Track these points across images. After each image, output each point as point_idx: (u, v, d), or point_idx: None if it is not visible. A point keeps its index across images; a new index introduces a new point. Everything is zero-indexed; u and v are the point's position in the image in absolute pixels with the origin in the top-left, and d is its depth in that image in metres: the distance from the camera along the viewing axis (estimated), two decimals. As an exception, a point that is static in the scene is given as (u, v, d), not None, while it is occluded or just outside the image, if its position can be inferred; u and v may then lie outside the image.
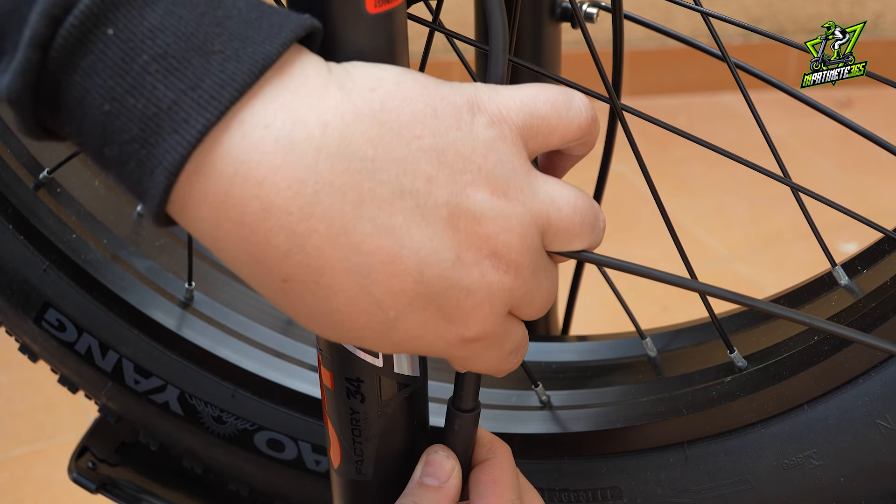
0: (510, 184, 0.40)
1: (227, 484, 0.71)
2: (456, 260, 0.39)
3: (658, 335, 0.67)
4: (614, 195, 1.36)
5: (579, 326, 0.84)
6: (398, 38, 0.44)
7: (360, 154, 0.37)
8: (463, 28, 0.57)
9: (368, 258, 0.38)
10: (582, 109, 0.43)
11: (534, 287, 0.42)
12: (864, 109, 2.32)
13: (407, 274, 0.38)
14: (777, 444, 0.58)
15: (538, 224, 0.41)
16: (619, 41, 0.69)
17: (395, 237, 0.38)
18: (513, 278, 0.41)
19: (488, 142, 0.40)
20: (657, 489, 0.61)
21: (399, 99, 0.38)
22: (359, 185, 0.37)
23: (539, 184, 0.42)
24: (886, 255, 0.58)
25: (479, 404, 0.51)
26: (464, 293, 0.40)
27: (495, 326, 0.42)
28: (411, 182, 0.38)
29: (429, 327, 0.40)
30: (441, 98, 0.40)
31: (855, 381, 0.56)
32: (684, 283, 0.47)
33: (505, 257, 0.40)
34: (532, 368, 0.64)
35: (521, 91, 0.42)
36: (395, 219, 0.38)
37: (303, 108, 0.36)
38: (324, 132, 0.36)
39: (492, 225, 0.40)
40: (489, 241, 0.40)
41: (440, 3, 0.57)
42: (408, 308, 0.39)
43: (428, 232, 0.38)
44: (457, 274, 0.39)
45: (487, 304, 0.41)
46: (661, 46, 2.35)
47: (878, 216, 0.57)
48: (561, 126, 0.43)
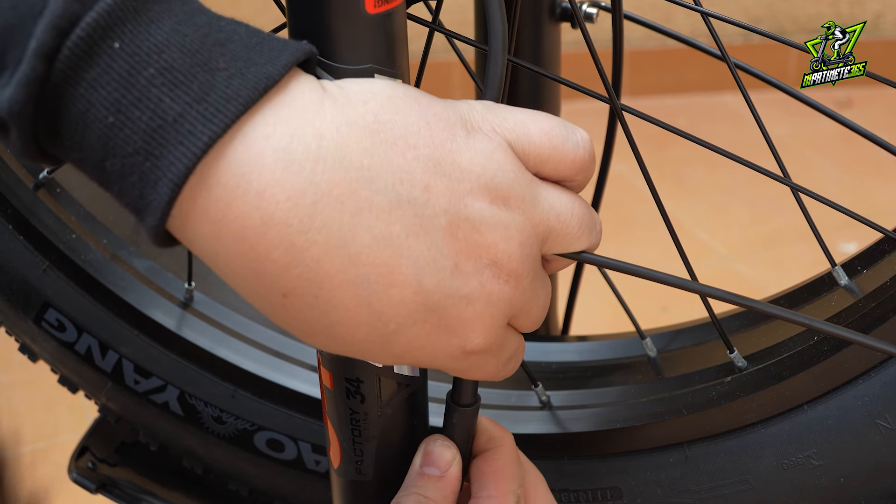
0: (511, 193, 0.40)
1: (227, 484, 0.71)
2: (454, 268, 0.39)
3: (658, 335, 0.67)
4: (614, 195, 1.36)
5: (579, 327, 0.83)
6: (398, 39, 0.44)
7: (357, 164, 0.37)
8: (463, 28, 0.57)
9: (367, 269, 0.38)
10: (580, 144, 0.43)
11: (532, 297, 0.42)
12: (864, 109, 2.31)
13: (406, 284, 0.38)
14: (777, 444, 0.58)
15: (538, 233, 0.41)
16: (618, 41, 0.69)
17: (393, 247, 0.38)
18: (513, 288, 0.41)
19: (486, 152, 0.40)
20: (657, 489, 0.61)
21: (391, 111, 0.39)
22: (356, 194, 0.37)
23: (540, 191, 0.42)
24: (886, 255, 0.58)
25: (478, 398, 0.51)
26: (464, 302, 0.40)
27: (496, 338, 0.42)
28: (408, 191, 0.38)
29: (430, 339, 0.40)
30: (434, 113, 0.40)
31: (855, 381, 0.56)
32: (684, 285, 0.47)
33: (505, 267, 0.40)
34: (532, 369, 0.64)
35: (516, 114, 0.42)
36: (393, 228, 0.38)
37: (299, 121, 0.37)
38: (320, 144, 0.37)
39: (491, 234, 0.39)
40: (489, 250, 0.40)
41: (440, 3, 0.57)
42: (408, 320, 0.39)
43: (426, 241, 0.38)
44: (456, 283, 0.39)
45: (488, 314, 0.40)
46: (660, 46, 2.35)
47: (877, 216, 0.57)
48: (553, 157, 0.42)
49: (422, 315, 0.39)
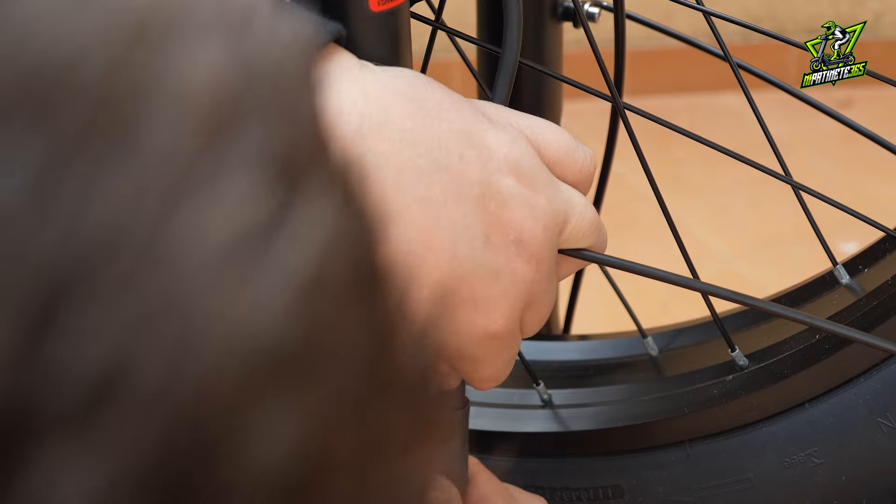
0: (536, 177, 0.41)
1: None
2: (486, 241, 0.39)
3: (659, 334, 0.67)
4: (614, 195, 1.35)
5: (581, 325, 0.84)
6: (401, 37, 0.44)
7: (400, 125, 0.38)
8: (464, 28, 0.57)
9: (406, 230, 0.38)
10: (587, 156, 0.44)
11: (547, 287, 0.42)
12: (864, 109, 2.32)
13: (442, 248, 0.38)
14: (778, 442, 0.58)
15: (558, 222, 0.42)
16: (620, 40, 0.69)
17: (433, 210, 0.38)
18: (534, 271, 0.41)
19: (510, 138, 0.41)
20: (658, 488, 0.61)
21: (421, 87, 0.40)
22: (400, 153, 0.38)
23: (559, 184, 0.43)
24: (887, 254, 0.58)
25: (467, 401, 0.51)
26: (492, 277, 0.40)
27: (515, 323, 0.42)
28: (446, 157, 0.39)
29: (456, 313, 0.40)
30: (457, 97, 0.41)
31: (856, 379, 0.56)
32: (686, 283, 0.47)
33: (529, 247, 0.40)
34: (534, 367, 0.64)
35: (529, 118, 0.44)
36: (432, 191, 0.38)
37: (344, 80, 0.38)
38: (366, 101, 0.38)
39: (519, 211, 0.40)
40: (515, 227, 0.40)
41: (443, 2, 0.57)
42: (440, 287, 0.39)
43: (462, 209, 0.39)
44: (486, 255, 0.39)
45: (512, 293, 0.41)
46: (662, 46, 2.35)
47: (878, 215, 0.57)
48: (565, 161, 0.43)
49: (454, 283, 0.39)
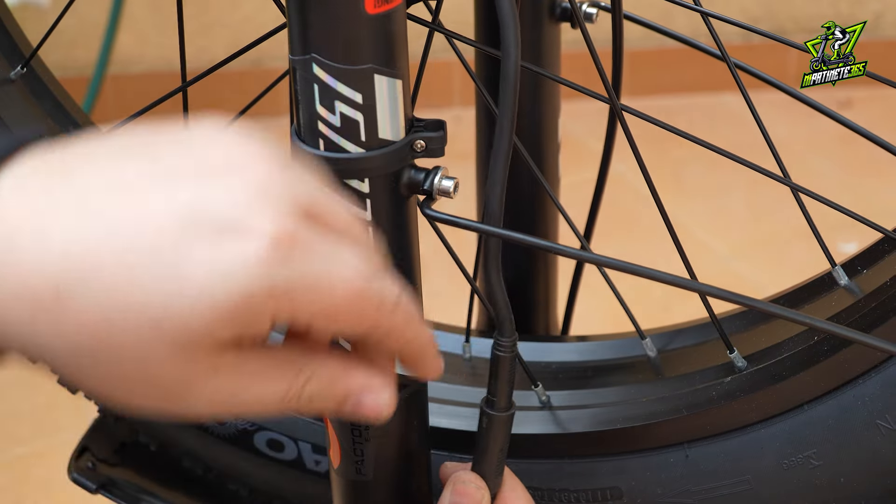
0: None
1: (226, 484, 0.71)
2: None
3: (658, 335, 0.67)
4: (614, 195, 1.35)
5: (579, 326, 0.83)
6: (398, 39, 0.44)
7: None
8: (462, 29, 0.57)
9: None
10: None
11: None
12: (864, 110, 2.31)
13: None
14: (777, 444, 0.58)
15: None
16: (618, 41, 0.69)
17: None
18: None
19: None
20: (657, 489, 0.61)
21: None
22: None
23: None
24: (886, 255, 0.58)
25: (513, 404, 0.51)
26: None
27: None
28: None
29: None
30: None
31: (855, 381, 0.56)
32: (684, 284, 0.47)
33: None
34: (532, 368, 0.64)
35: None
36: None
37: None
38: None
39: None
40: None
41: (440, 4, 0.57)
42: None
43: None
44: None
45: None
46: (660, 46, 2.35)
47: (878, 216, 0.57)
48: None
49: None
